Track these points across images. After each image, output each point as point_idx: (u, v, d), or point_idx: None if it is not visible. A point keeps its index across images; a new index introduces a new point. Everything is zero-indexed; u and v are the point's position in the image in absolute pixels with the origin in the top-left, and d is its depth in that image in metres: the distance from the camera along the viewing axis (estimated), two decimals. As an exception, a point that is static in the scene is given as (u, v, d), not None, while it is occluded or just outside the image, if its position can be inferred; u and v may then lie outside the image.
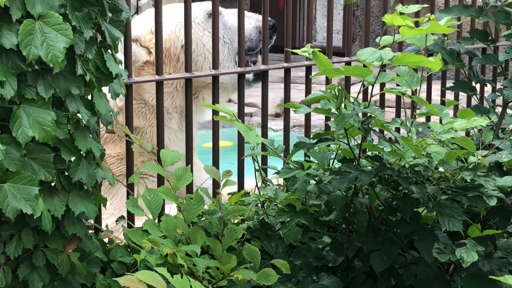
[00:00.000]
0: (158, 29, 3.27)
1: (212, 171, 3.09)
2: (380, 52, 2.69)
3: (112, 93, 2.70)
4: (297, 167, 2.99)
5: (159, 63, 3.29)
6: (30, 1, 2.32)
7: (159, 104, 3.30)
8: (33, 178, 2.41)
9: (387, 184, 2.98)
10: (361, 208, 3.00)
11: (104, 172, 2.70)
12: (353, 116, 2.77)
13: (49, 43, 2.33)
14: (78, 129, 2.55)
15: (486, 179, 2.87)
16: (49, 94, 2.41)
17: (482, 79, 3.85)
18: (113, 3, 2.62)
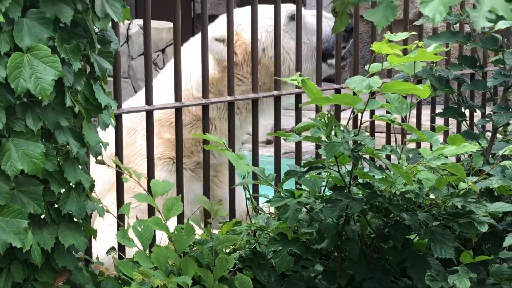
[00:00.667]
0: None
1: (202, 201, 3.08)
2: (369, 80, 2.70)
3: (102, 124, 2.69)
4: (288, 196, 2.99)
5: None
6: (19, 34, 2.32)
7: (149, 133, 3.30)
8: (22, 211, 2.39)
9: (378, 212, 2.98)
10: (353, 236, 2.99)
11: (94, 204, 2.69)
12: (343, 144, 2.78)
13: (38, 75, 2.33)
14: (67, 161, 2.54)
15: (477, 205, 2.87)
16: (38, 126, 2.41)
17: (471, 104, 3.86)
18: (102, 35, 2.63)
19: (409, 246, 2.94)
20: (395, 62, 2.65)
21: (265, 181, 3.10)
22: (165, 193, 2.99)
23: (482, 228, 2.84)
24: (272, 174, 3.17)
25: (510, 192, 3.12)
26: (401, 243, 2.91)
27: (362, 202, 2.86)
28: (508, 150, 3.08)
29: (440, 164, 2.85)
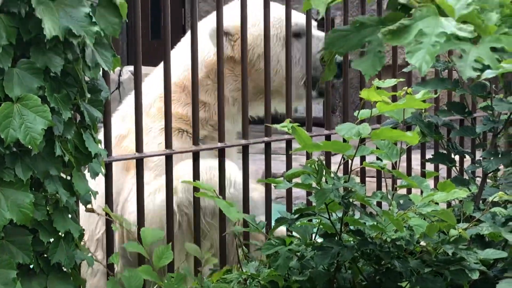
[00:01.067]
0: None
1: (192, 249, 3.07)
2: (358, 127, 2.72)
3: (91, 173, 2.69)
4: (278, 243, 2.98)
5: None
6: (9, 85, 2.33)
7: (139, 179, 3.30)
8: (11, 261, 2.38)
9: (370, 259, 2.97)
10: (344, 284, 2.98)
11: (83, 253, 2.67)
12: (333, 191, 2.78)
13: (28, 125, 2.34)
14: (56, 210, 2.54)
15: (467, 252, 2.87)
16: (28, 176, 2.41)
17: (460, 150, 3.88)
18: (92, 84, 2.64)
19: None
20: (384, 110, 2.68)
21: (256, 228, 3.09)
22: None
23: (473, 275, 2.83)
24: (263, 222, 3.17)
25: (500, 238, 3.12)
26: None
27: (353, 250, 2.85)
28: (498, 196, 3.09)
29: (430, 211, 2.86)
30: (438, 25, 1.93)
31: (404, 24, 1.95)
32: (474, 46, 1.91)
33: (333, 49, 2.18)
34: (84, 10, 2.43)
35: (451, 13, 1.96)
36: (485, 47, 1.93)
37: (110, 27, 2.58)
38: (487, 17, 2.02)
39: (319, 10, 2.10)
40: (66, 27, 2.38)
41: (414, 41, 1.92)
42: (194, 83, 3.47)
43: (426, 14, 1.96)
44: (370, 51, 2.04)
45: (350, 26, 2.12)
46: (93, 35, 2.45)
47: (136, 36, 3.27)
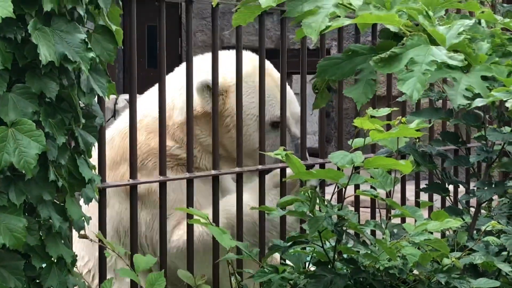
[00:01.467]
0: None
1: (185, 276, 3.06)
2: (351, 155, 2.73)
3: (85, 198, 2.69)
4: (271, 271, 2.98)
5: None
6: (4, 109, 2.34)
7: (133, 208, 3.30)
8: (3, 286, 2.37)
9: (363, 287, 2.96)
10: None
11: (75, 279, 2.66)
12: (326, 219, 2.79)
13: (22, 149, 2.34)
14: (49, 235, 2.53)
15: (460, 281, 2.87)
16: (21, 200, 2.40)
17: (454, 180, 3.89)
18: (87, 110, 2.65)
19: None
20: (377, 138, 2.69)
21: (249, 256, 3.09)
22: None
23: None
24: (256, 249, 3.17)
25: (494, 268, 3.12)
26: (387, 318, 2.89)
27: (346, 278, 2.85)
28: (491, 225, 3.10)
29: (423, 240, 2.86)
30: (429, 53, 1.95)
31: (395, 52, 1.97)
32: (465, 75, 1.94)
33: (325, 77, 2.20)
34: (80, 36, 2.45)
35: (442, 42, 1.99)
36: (476, 76, 1.95)
37: (105, 53, 2.59)
38: (478, 46, 2.04)
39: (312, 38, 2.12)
40: (62, 53, 2.40)
41: (405, 69, 1.94)
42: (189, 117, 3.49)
43: (417, 42, 1.98)
44: (362, 79, 2.06)
45: (342, 54, 2.14)
46: (89, 61, 2.46)
47: (131, 62, 3.29)
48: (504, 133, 3.57)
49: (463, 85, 1.91)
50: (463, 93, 1.91)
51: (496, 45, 2.09)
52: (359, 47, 2.14)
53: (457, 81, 1.92)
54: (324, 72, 2.14)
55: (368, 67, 2.04)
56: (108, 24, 2.59)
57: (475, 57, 1.98)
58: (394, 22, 2.06)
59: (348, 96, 2.27)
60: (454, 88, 1.92)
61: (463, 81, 1.92)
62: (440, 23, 2.10)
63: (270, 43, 12.21)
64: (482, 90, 1.90)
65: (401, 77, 1.93)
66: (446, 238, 3.52)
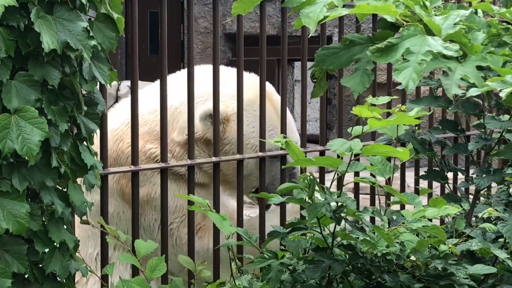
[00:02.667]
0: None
1: (186, 261, 3.10)
2: (350, 143, 2.76)
3: (87, 185, 2.73)
4: (271, 256, 3.02)
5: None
6: (7, 96, 2.38)
7: (134, 194, 3.34)
8: (6, 270, 2.41)
9: (360, 273, 3.00)
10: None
11: (78, 264, 2.71)
12: (324, 206, 2.82)
13: (25, 136, 2.38)
14: (52, 221, 2.57)
15: (457, 268, 2.91)
16: (24, 186, 2.45)
17: (453, 167, 3.92)
18: (89, 97, 2.69)
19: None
20: (375, 125, 2.72)
21: (249, 242, 3.13)
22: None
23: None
24: (256, 235, 3.21)
25: (490, 254, 3.15)
26: (383, 305, 2.93)
27: (344, 264, 2.89)
28: (487, 212, 3.13)
29: (420, 227, 2.90)
30: (424, 43, 1.98)
31: (392, 43, 2.00)
32: (460, 65, 1.96)
33: (323, 66, 2.23)
34: (82, 24, 2.48)
35: (438, 32, 2.01)
36: (471, 66, 1.98)
37: (107, 41, 2.63)
38: (473, 36, 2.07)
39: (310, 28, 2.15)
40: (64, 41, 2.43)
41: (401, 59, 1.97)
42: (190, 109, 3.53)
43: (413, 33, 2.01)
44: (358, 68, 2.09)
45: (339, 44, 2.17)
46: (91, 49, 2.49)
47: (133, 50, 3.32)
48: (503, 121, 3.59)
49: (458, 75, 1.94)
50: (458, 83, 1.93)
51: (492, 35, 2.12)
52: (357, 36, 2.16)
53: (452, 71, 1.95)
54: (322, 61, 2.17)
55: (365, 57, 2.07)
56: (110, 12, 2.62)
57: (471, 47, 2.01)
58: (391, 12, 2.08)
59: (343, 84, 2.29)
60: (449, 77, 1.94)
61: (458, 71, 1.95)
62: (437, 13, 2.13)
63: (272, 30, 12.21)
64: (477, 80, 1.93)
65: (397, 67, 1.96)
66: (445, 225, 3.56)
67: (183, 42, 12.83)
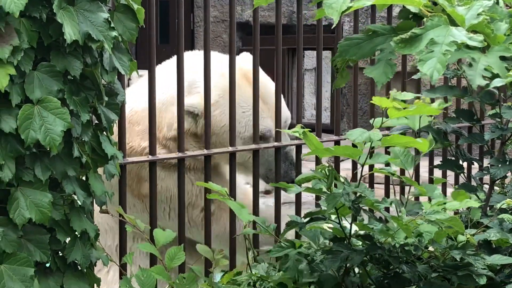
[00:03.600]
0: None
1: (204, 250, 3.12)
2: (369, 133, 2.76)
3: (107, 174, 2.74)
4: (288, 246, 3.03)
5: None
6: (30, 87, 2.39)
7: (152, 183, 3.36)
8: (29, 259, 2.43)
9: (378, 263, 3.01)
10: (353, 287, 3.02)
11: (99, 253, 2.73)
12: (343, 196, 2.83)
13: (47, 126, 2.40)
14: (73, 210, 2.59)
15: (475, 258, 2.91)
16: (46, 176, 2.46)
17: (469, 157, 3.92)
18: (109, 87, 2.70)
19: (408, 298, 2.97)
20: (395, 116, 2.71)
21: (266, 231, 3.14)
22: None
23: (480, 280, 2.87)
24: (273, 224, 3.22)
25: (507, 244, 3.16)
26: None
27: (363, 254, 2.90)
28: (506, 203, 3.13)
29: (438, 218, 2.90)
30: (449, 34, 1.98)
31: (416, 33, 2.00)
32: (483, 55, 1.96)
33: (346, 57, 2.23)
34: (103, 15, 2.49)
35: (462, 23, 2.02)
36: (495, 56, 1.98)
37: (127, 32, 2.64)
38: (496, 26, 2.07)
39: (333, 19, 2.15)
40: (86, 32, 2.44)
41: (425, 50, 1.97)
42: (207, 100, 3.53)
43: (437, 23, 2.01)
44: (381, 59, 2.09)
45: (362, 35, 2.17)
46: (111, 40, 2.50)
47: (150, 42, 3.33)
48: (519, 111, 3.59)
49: (481, 65, 1.94)
50: (482, 73, 1.94)
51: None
52: (379, 27, 2.17)
53: (476, 62, 1.95)
54: (345, 52, 2.18)
55: (388, 47, 2.07)
56: (130, 3, 2.63)
57: (494, 38, 2.01)
58: (414, 2, 2.09)
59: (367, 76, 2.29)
60: (473, 68, 1.94)
61: (482, 62, 1.95)
62: (459, 3, 2.13)
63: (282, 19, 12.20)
64: (500, 70, 1.93)
65: (421, 57, 1.96)
66: (460, 215, 3.57)
67: (193, 32, 12.84)
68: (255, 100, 3.68)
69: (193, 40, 12.72)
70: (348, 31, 10.08)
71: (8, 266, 2.39)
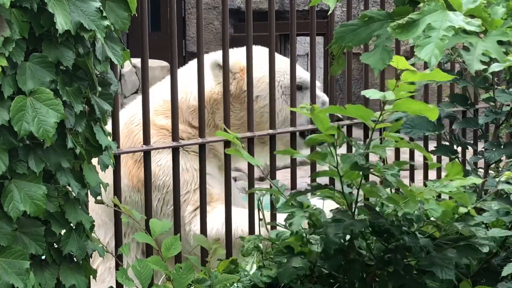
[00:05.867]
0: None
1: (201, 240, 3.11)
2: (383, 92, 2.64)
3: (101, 165, 2.72)
4: (296, 206, 3.00)
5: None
6: (22, 78, 2.36)
7: (146, 173, 3.34)
8: (24, 252, 2.42)
9: (380, 235, 2.98)
10: (358, 257, 3.00)
11: (94, 244, 2.71)
12: (358, 156, 2.77)
13: (40, 118, 2.37)
14: (68, 202, 2.57)
15: (476, 228, 2.91)
16: (40, 168, 2.44)
17: (463, 142, 3.91)
18: (102, 77, 2.67)
19: (409, 271, 2.95)
20: (410, 79, 2.57)
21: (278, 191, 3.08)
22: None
23: (483, 248, 2.88)
24: (284, 185, 3.18)
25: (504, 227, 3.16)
26: (402, 267, 2.92)
27: (365, 222, 2.88)
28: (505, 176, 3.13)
29: (447, 191, 2.88)
30: (446, 19, 1.96)
31: (413, 19, 1.98)
32: (481, 40, 1.95)
33: (342, 43, 2.21)
34: (95, 4, 2.46)
35: (459, 7, 2.00)
36: (492, 41, 1.96)
37: (119, 21, 2.61)
38: (493, 10, 2.05)
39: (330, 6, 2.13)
40: (78, 22, 2.41)
41: (423, 35, 1.95)
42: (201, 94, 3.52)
43: (434, 8, 1.99)
44: (378, 45, 2.08)
45: (358, 21, 2.15)
46: (104, 30, 2.48)
47: (142, 30, 3.29)
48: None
49: (479, 50, 1.92)
50: (480, 58, 1.92)
51: (511, 9, 2.10)
52: (375, 13, 2.14)
53: (474, 46, 1.93)
54: (341, 38, 2.15)
55: (385, 33, 2.05)
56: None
57: (491, 22, 1.99)
58: (410, -13, 2.07)
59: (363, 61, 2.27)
60: (471, 53, 1.93)
61: (479, 46, 1.93)
62: (455, -12, 2.11)
63: (273, 5, 12.14)
64: (498, 55, 1.92)
65: (419, 43, 1.94)
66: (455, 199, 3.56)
67: (184, 19, 12.78)
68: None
69: (184, 27, 12.67)
70: (340, 16, 10.04)
71: (3, 259, 2.38)
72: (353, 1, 9.75)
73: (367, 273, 3.02)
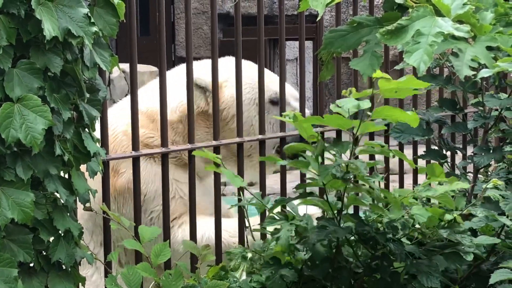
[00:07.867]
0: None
1: (190, 246, 3.10)
2: (358, 101, 2.63)
3: (90, 171, 2.71)
4: (281, 218, 3.00)
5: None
6: (9, 85, 2.35)
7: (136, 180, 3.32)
8: (12, 260, 2.40)
9: (366, 243, 2.98)
10: (345, 264, 2.99)
11: (83, 251, 2.70)
12: (335, 167, 2.76)
13: (28, 125, 2.36)
14: (56, 209, 2.56)
15: (462, 236, 2.91)
16: (28, 175, 2.42)
17: (452, 146, 3.92)
18: (90, 83, 2.66)
19: (396, 278, 2.95)
20: (386, 86, 2.56)
21: (260, 202, 3.08)
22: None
23: (467, 257, 2.88)
24: (269, 197, 3.18)
25: (492, 232, 3.16)
26: (388, 274, 2.92)
27: (348, 229, 2.87)
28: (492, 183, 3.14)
29: (429, 195, 2.87)
30: (435, 25, 1.96)
31: (402, 24, 1.98)
32: (470, 46, 1.95)
33: (331, 49, 2.21)
34: (83, 10, 2.45)
35: (447, 13, 2.00)
36: (481, 46, 1.96)
37: (107, 27, 2.60)
38: (481, 16, 2.05)
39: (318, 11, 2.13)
40: (65, 28, 2.40)
41: (412, 41, 1.95)
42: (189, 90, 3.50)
43: (423, 14, 1.99)
44: (367, 51, 2.07)
45: (347, 26, 2.15)
46: (92, 36, 2.47)
47: (131, 36, 3.27)
48: (502, 99, 3.59)
49: (468, 56, 1.93)
50: (469, 64, 1.92)
51: (499, 15, 2.10)
52: (364, 18, 2.14)
53: (463, 52, 1.94)
54: (330, 44, 2.15)
55: (374, 39, 2.05)
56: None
57: (480, 27, 1.99)
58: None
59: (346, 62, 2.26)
60: (460, 58, 1.93)
61: (468, 52, 1.93)
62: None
63: (262, 9, 12.14)
64: (487, 60, 1.92)
65: (408, 49, 1.94)
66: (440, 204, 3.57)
67: (173, 24, 12.76)
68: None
69: (173, 32, 12.65)
70: (329, 21, 10.05)
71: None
72: (342, 6, 9.80)
73: (355, 280, 3.01)
